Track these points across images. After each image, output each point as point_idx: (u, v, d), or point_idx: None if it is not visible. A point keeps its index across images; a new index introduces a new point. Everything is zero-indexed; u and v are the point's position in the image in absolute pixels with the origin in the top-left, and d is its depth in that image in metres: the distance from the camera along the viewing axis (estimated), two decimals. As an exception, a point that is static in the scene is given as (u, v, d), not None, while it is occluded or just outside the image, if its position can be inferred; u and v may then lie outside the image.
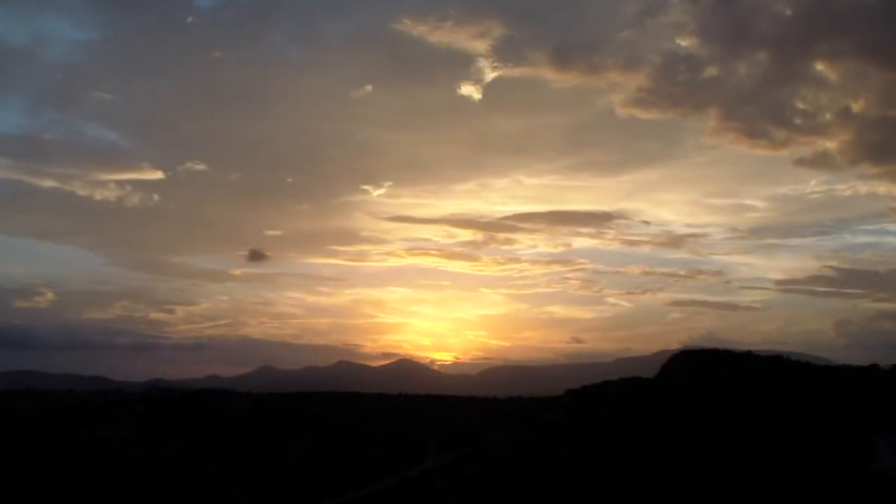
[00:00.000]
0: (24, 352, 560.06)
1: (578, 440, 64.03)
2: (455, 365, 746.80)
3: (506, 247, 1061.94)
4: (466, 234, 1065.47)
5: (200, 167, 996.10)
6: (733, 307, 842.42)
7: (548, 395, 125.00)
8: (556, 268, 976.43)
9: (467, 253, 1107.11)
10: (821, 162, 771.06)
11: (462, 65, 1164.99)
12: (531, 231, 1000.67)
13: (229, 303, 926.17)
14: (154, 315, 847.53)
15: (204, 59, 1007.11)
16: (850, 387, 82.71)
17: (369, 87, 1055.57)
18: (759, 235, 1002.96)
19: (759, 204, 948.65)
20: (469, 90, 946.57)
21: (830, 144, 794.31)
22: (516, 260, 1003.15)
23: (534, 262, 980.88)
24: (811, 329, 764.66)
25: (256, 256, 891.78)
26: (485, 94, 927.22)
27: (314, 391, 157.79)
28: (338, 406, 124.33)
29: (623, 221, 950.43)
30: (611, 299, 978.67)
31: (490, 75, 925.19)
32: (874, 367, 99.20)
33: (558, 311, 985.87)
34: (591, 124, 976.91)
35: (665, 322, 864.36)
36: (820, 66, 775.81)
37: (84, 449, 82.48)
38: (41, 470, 78.52)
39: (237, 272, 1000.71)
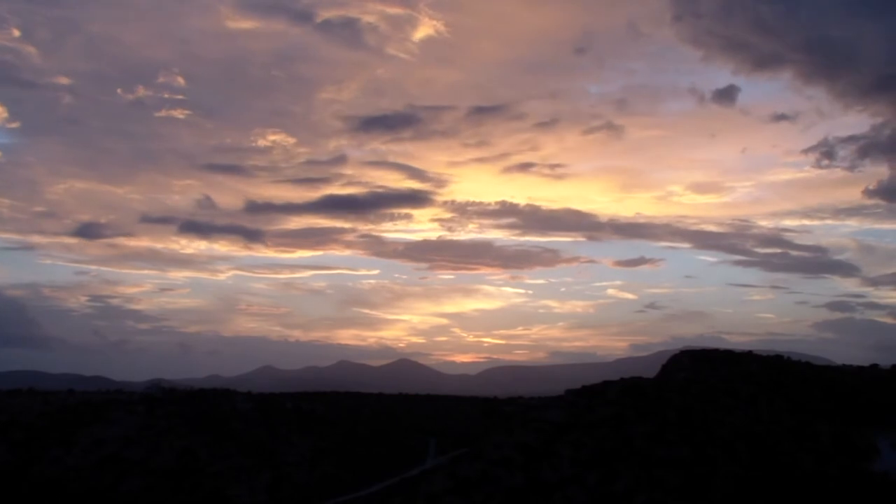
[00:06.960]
0: (24, 352, 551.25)
1: (579, 440, 63.91)
2: (455, 365, 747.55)
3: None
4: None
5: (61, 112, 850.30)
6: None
7: (548, 395, 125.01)
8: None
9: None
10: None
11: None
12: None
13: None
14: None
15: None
16: (850, 387, 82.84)
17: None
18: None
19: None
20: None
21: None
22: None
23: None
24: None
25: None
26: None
27: (314, 391, 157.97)
28: (338, 406, 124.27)
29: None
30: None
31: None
32: (874, 367, 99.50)
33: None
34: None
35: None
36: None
37: (84, 449, 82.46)
38: (41, 470, 78.56)
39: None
